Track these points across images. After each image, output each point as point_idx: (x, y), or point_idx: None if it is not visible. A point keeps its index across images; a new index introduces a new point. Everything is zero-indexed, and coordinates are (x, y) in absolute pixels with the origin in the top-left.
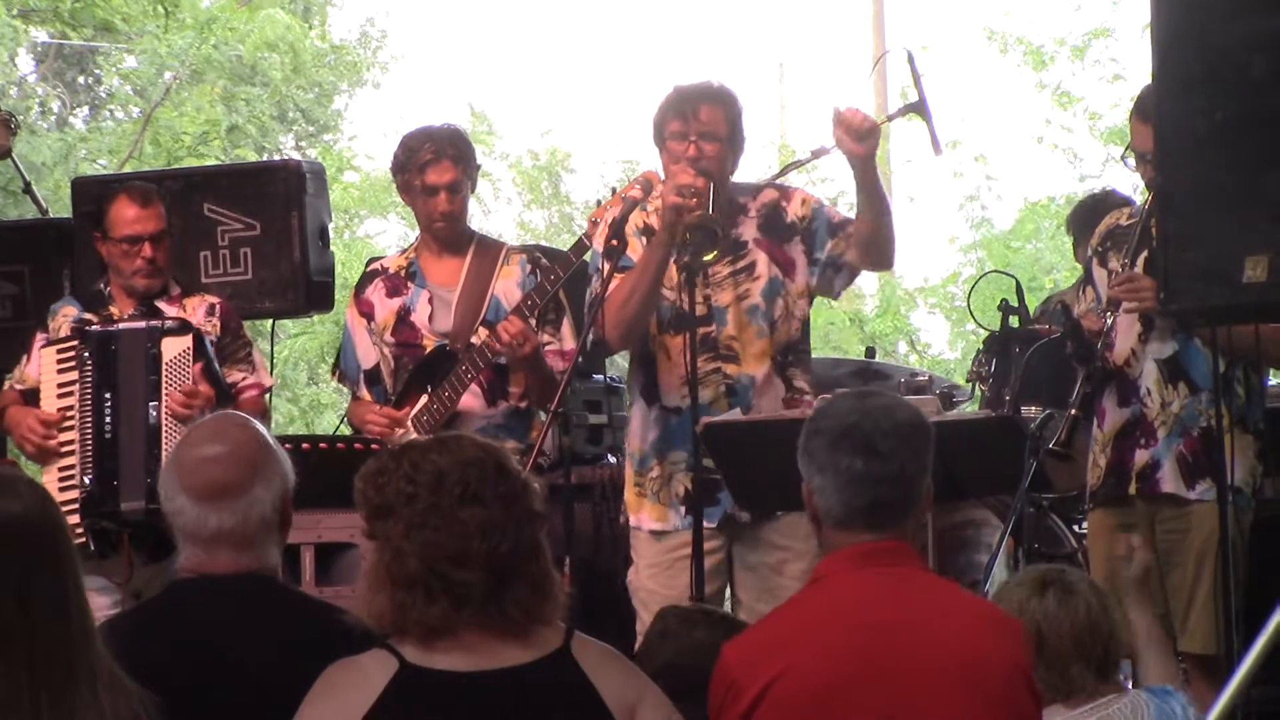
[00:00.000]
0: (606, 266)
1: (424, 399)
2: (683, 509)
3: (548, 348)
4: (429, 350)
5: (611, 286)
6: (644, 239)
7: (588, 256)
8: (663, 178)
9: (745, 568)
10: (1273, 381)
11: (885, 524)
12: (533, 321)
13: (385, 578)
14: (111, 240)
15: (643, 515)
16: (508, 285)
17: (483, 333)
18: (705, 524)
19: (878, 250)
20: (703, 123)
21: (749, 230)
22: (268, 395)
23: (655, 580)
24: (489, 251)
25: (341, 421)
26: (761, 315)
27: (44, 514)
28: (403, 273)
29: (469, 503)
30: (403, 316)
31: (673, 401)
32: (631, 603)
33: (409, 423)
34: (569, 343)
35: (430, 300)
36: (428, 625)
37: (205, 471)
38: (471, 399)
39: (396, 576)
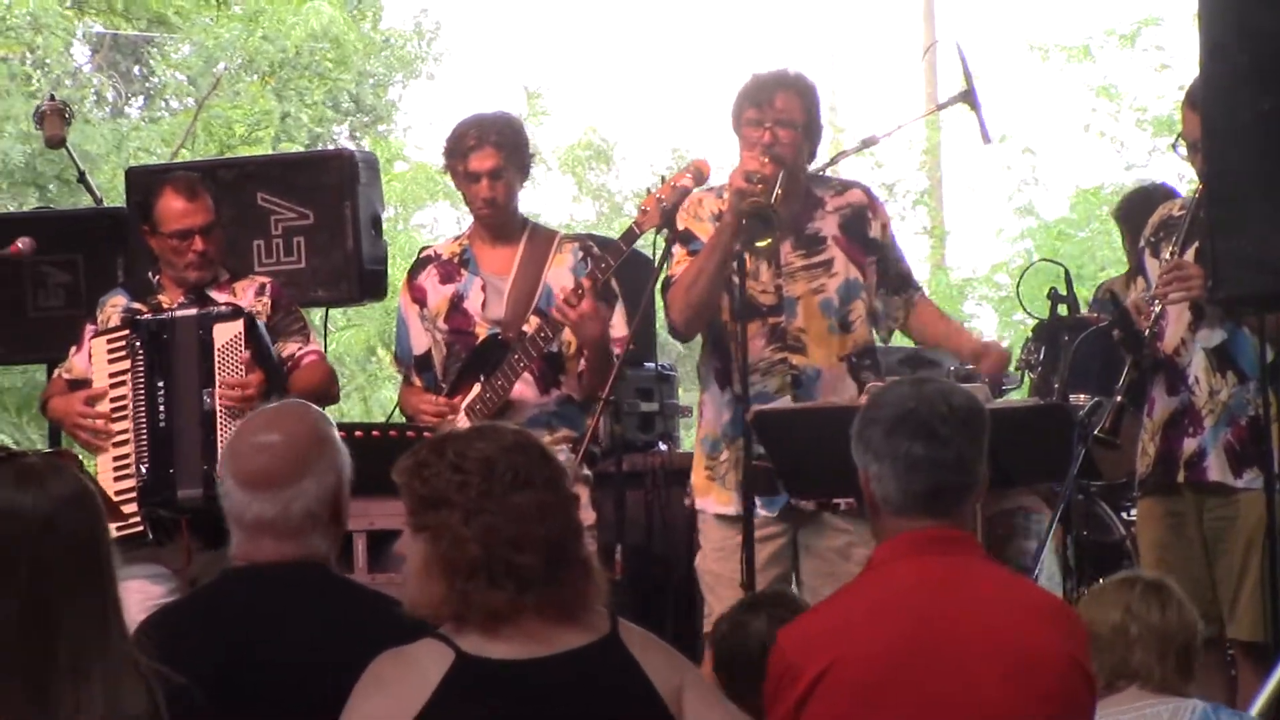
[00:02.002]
0: (676, 252)
1: (477, 388)
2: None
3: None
4: (481, 338)
5: (680, 271)
6: (716, 224)
7: (641, 244)
8: (713, 166)
9: (810, 553)
10: None
11: (944, 510)
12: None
13: (443, 567)
14: (161, 234)
15: (710, 499)
16: (560, 273)
17: (534, 321)
18: (766, 512)
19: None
20: (778, 110)
21: (829, 227)
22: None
23: (720, 564)
24: (541, 240)
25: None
26: (835, 312)
27: (84, 503)
28: (456, 259)
29: (520, 488)
30: (456, 303)
31: (739, 387)
32: (699, 587)
33: (463, 411)
34: (620, 329)
35: (483, 288)
36: (491, 611)
37: (255, 459)
38: (524, 387)
39: (457, 564)
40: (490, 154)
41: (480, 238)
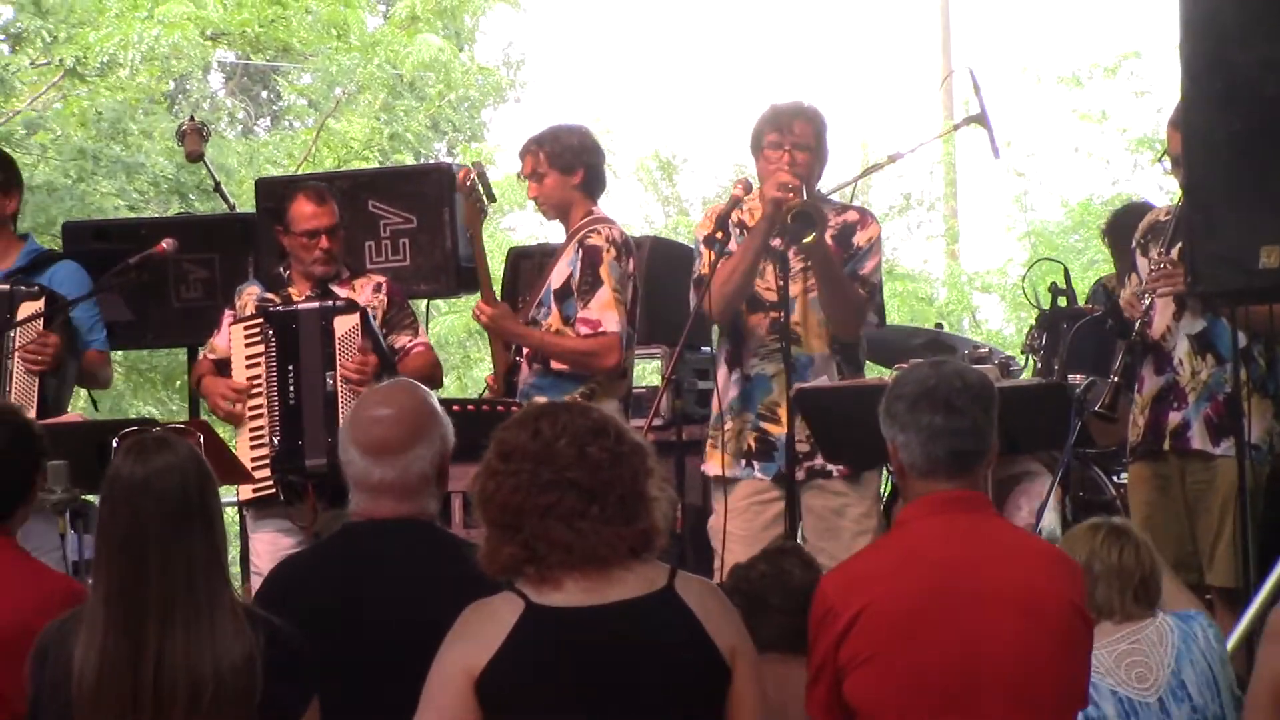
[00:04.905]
0: (707, 253)
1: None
2: (743, 461)
3: (579, 316)
4: None
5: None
6: (738, 231)
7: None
8: (752, 180)
9: (810, 512)
10: None
11: (962, 473)
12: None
13: (506, 514)
14: (292, 234)
15: (711, 464)
16: (561, 265)
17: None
18: (762, 477)
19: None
20: (795, 135)
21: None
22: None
23: (732, 522)
24: (574, 234)
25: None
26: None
27: (177, 473)
28: None
29: (588, 444)
30: None
31: (746, 369)
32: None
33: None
34: (595, 313)
35: None
36: (553, 543)
37: (374, 430)
38: (523, 365)
39: (523, 509)
40: (528, 161)
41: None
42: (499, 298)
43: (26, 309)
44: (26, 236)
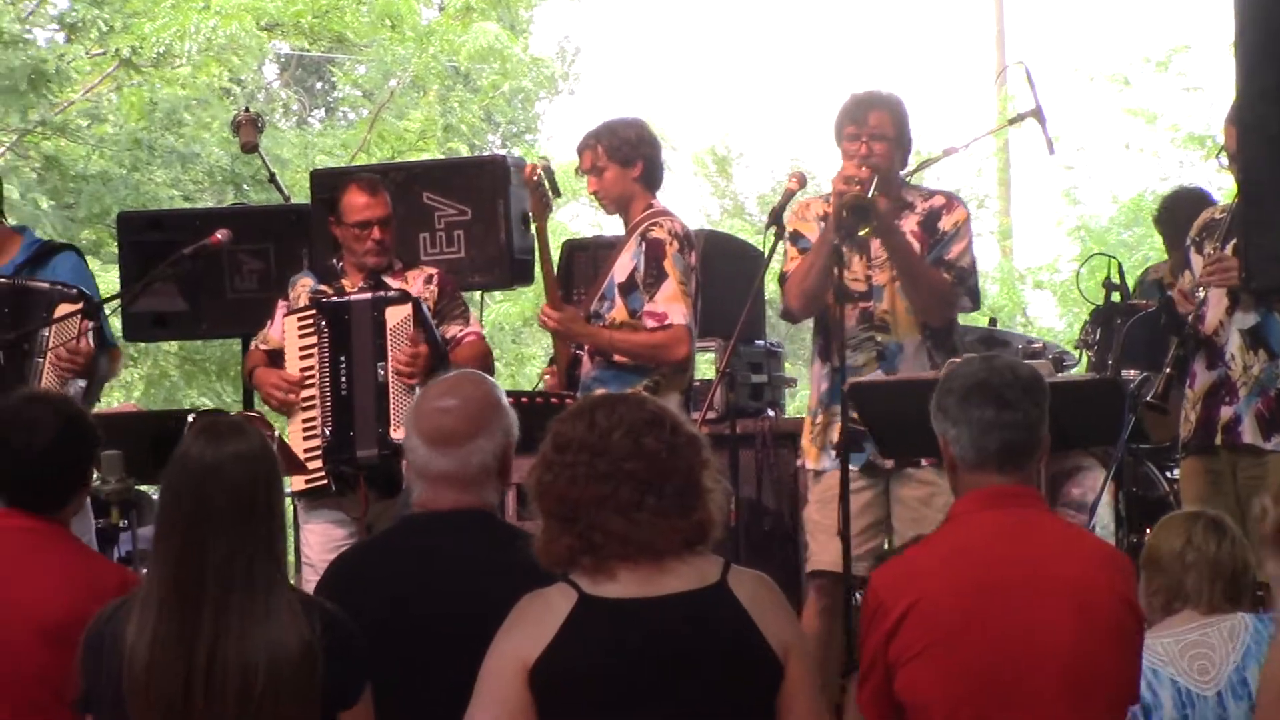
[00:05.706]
0: (789, 250)
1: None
2: (833, 452)
3: (645, 309)
4: None
5: (795, 265)
6: (821, 224)
7: (751, 238)
8: (808, 175)
9: (899, 502)
10: None
11: (1013, 466)
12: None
13: (563, 505)
14: (345, 225)
15: (809, 458)
16: (624, 258)
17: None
18: (851, 467)
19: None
20: (872, 126)
21: (909, 224)
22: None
23: (820, 513)
24: (639, 226)
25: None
26: None
27: (248, 461)
28: None
29: (642, 436)
30: None
31: (836, 361)
32: (802, 532)
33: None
34: (661, 306)
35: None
36: (609, 533)
37: (436, 419)
38: (585, 359)
39: (579, 500)
40: (586, 156)
41: None
42: None
43: (63, 311)
44: (24, 229)
